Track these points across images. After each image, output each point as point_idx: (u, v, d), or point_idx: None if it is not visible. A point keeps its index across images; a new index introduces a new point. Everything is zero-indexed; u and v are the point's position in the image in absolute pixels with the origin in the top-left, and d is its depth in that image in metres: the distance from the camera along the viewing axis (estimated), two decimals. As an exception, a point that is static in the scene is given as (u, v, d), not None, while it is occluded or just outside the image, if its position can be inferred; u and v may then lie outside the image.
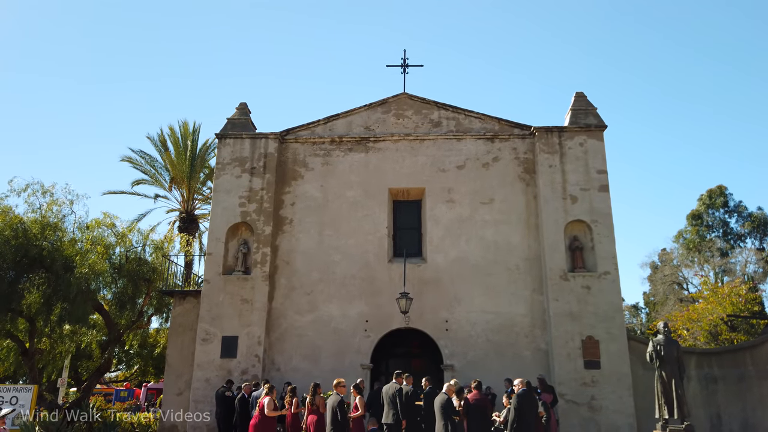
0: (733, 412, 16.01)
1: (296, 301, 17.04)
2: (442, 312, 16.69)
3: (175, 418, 16.32)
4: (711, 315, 24.78)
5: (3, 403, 13.64)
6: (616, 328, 15.96)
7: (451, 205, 17.61)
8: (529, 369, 15.44)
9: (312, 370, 15.94)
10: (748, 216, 38.30)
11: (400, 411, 11.93)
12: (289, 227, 17.78)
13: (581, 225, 17.02)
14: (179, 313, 17.43)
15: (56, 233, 15.16)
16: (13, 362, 17.94)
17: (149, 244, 17.66)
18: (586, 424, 15.15)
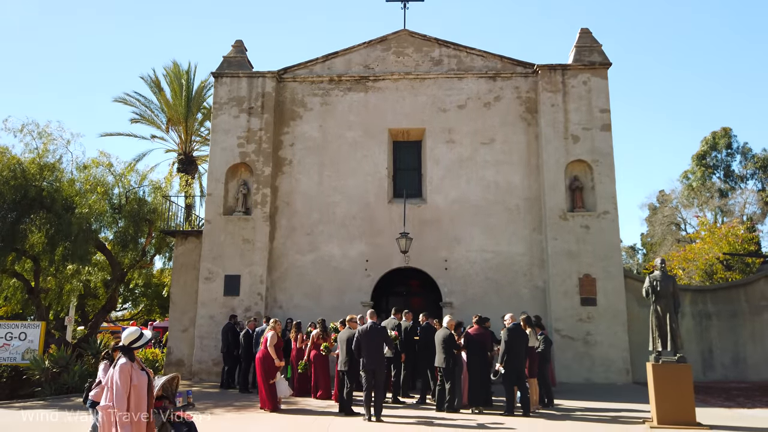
0: (725, 346, 16.46)
1: (297, 241, 17.20)
2: (442, 251, 16.87)
3: (181, 353, 16.85)
4: (707, 255, 25.08)
5: (12, 339, 14.01)
6: (614, 266, 16.19)
7: (452, 145, 17.48)
8: (526, 306, 15.76)
9: (314, 308, 16.28)
10: (752, 157, 38.13)
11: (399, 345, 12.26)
12: (288, 168, 17.72)
13: (582, 165, 16.97)
14: (181, 252, 17.65)
15: (54, 174, 15.13)
16: (20, 301, 18.30)
17: (148, 185, 17.66)
18: (580, 358, 15.61)
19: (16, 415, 10.51)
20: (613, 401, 12.10)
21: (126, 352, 5.33)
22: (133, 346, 5.34)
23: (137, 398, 5.16)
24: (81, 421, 9.82)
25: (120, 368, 5.16)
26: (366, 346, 10.17)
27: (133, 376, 5.18)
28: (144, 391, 5.25)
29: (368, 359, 10.14)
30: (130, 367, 5.21)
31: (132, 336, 5.42)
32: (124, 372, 5.15)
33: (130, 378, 5.15)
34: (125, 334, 5.47)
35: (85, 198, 15.24)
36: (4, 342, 13.99)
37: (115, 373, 5.16)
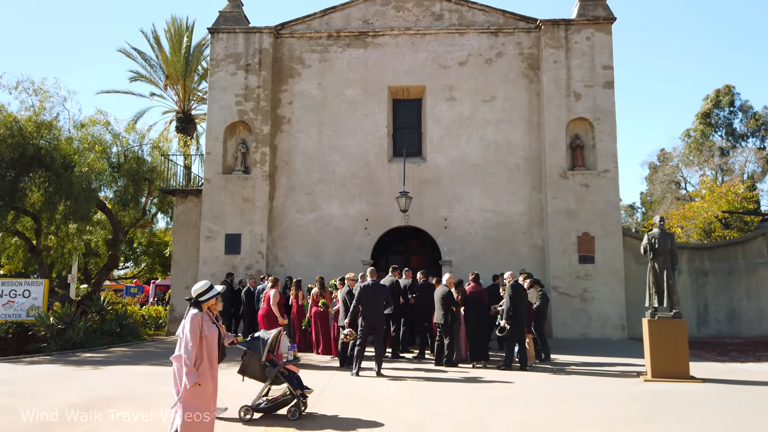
0: (720, 302, 16.71)
1: (297, 200, 17.22)
2: (442, 210, 16.91)
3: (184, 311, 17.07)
4: (706, 213, 25.14)
5: (16, 297, 14.18)
6: (612, 224, 16.27)
7: (452, 103, 17.30)
8: (525, 264, 15.89)
9: (314, 266, 16.42)
10: (753, 115, 37.76)
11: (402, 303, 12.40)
12: (287, 126, 17.58)
13: (583, 123, 16.84)
14: (181, 211, 17.70)
15: (51, 132, 15.01)
16: (23, 259, 18.43)
17: (147, 144, 17.55)
18: (577, 314, 15.85)
19: (25, 369, 10.73)
20: (609, 356, 12.34)
21: (195, 304, 5.40)
22: (201, 299, 5.38)
23: (208, 349, 5.26)
24: (86, 374, 10.04)
25: (191, 318, 5.23)
26: (366, 303, 10.30)
27: (204, 327, 5.25)
28: (214, 343, 5.35)
29: (368, 315, 10.29)
30: (200, 318, 5.27)
31: (201, 288, 5.47)
32: (194, 323, 5.21)
33: (200, 329, 5.22)
34: (195, 287, 5.54)
35: (84, 156, 15.17)
36: (8, 299, 14.17)
37: (186, 323, 5.25)
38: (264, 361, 6.86)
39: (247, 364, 6.97)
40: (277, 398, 6.98)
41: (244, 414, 6.76)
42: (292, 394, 6.87)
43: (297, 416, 6.80)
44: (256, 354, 6.90)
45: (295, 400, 6.86)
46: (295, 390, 6.87)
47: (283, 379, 6.89)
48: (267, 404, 6.94)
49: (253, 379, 7.04)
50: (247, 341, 7.05)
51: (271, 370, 6.85)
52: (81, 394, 8.33)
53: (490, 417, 6.96)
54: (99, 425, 6.56)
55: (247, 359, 6.96)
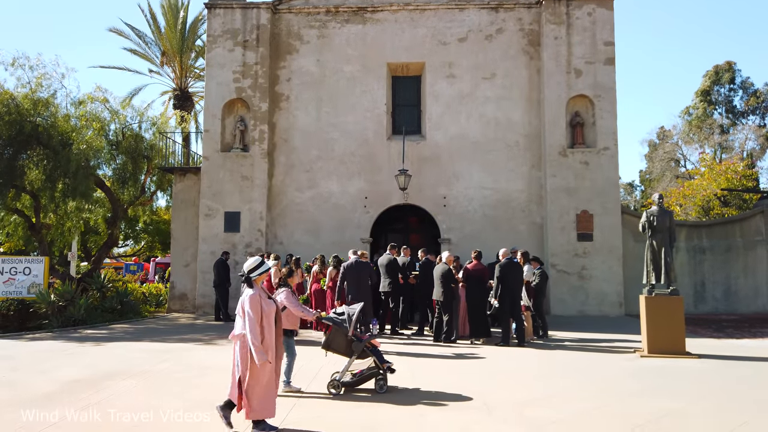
0: (717, 279, 16.82)
1: (296, 178, 17.19)
2: (441, 188, 16.90)
3: (184, 288, 17.21)
4: (705, 191, 25.15)
5: (17, 274, 14.24)
6: (611, 202, 16.28)
7: (452, 80, 17.17)
8: (523, 242, 15.93)
9: (313, 244, 16.46)
10: (753, 92, 37.51)
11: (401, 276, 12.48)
12: (285, 104, 17.47)
13: (584, 100, 16.74)
14: (180, 189, 17.69)
15: (49, 109, 14.90)
16: (22, 237, 18.46)
17: (145, 121, 17.44)
18: (575, 291, 15.95)
19: (27, 345, 10.83)
20: (606, 332, 12.46)
21: (248, 281, 5.47)
22: (252, 274, 5.44)
23: (268, 326, 5.35)
24: (87, 350, 10.14)
25: (250, 298, 5.32)
26: (350, 281, 10.48)
27: (262, 304, 5.35)
28: (272, 318, 5.43)
29: (353, 292, 10.50)
30: (258, 297, 5.36)
31: (252, 264, 5.52)
32: (253, 301, 5.31)
33: (260, 306, 5.32)
34: (246, 264, 5.59)
35: (82, 134, 15.09)
36: (9, 276, 14.23)
37: (245, 303, 5.32)
38: (350, 336, 6.99)
39: (332, 338, 7.08)
40: (362, 372, 7.10)
41: (334, 388, 6.90)
42: (378, 367, 7.00)
43: (385, 389, 6.95)
44: (341, 329, 7.02)
45: (382, 374, 7.01)
46: (382, 364, 7.01)
47: (370, 353, 7.03)
48: (353, 378, 7.07)
49: (337, 353, 7.13)
50: (332, 316, 7.18)
51: (357, 345, 6.97)
52: (83, 369, 8.42)
53: (488, 392, 7.05)
54: (101, 399, 6.64)
55: (333, 334, 7.07)
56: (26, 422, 5.76)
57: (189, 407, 6.29)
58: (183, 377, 7.92)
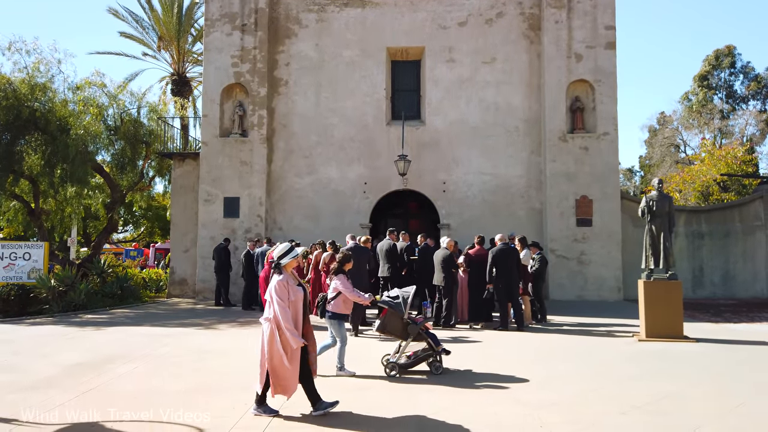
0: (716, 264, 16.88)
1: (295, 164, 17.15)
2: (440, 174, 16.88)
3: (184, 273, 17.25)
4: (705, 176, 25.14)
5: (17, 259, 14.26)
6: (611, 187, 16.28)
7: (452, 65, 17.07)
8: (523, 227, 15.95)
9: (313, 230, 16.47)
10: (755, 77, 37.32)
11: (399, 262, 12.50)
12: (284, 89, 17.38)
13: (584, 85, 16.66)
14: (179, 174, 17.66)
15: (47, 94, 14.82)
16: (22, 222, 18.46)
17: (144, 106, 17.36)
18: (574, 276, 16.00)
19: (28, 329, 10.88)
20: (604, 317, 12.53)
21: (277, 267, 5.48)
22: (282, 260, 5.44)
23: (294, 312, 5.36)
24: (88, 334, 10.19)
25: (278, 284, 5.34)
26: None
27: (290, 291, 5.36)
28: (300, 305, 5.44)
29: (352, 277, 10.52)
30: (286, 283, 5.37)
31: (282, 250, 5.51)
32: (281, 287, 5.33)
33: (287, 292, 5.34)
34: (276, 250, 5.59)
35: (80, 119, 15.03)
36: (9, 262, 14.25)
37: (273, 289, 5.35)
38: (406, 319, 7.08)
39: (387, 321, 7.17)
40: (417, 354, 7.18)
41: (391, 370, 7.00)
42: (434, 350, 7.10)
43: (441, 370, 7.08)
44: (397, 312, 7.11)
45: (437, 356, 7.12)
46: (437, 346, 7.11)
47: (426, 336, 7.10)
48: (408, 360, 7.14)
49: (393, 336, 7.25)
50: (387, 300, 7.25)
51: (413, 327, 7.05)
52: (84, 353, 8.47)
53: (486, 375, 7.10)
54: (103, 382, 6.69)
55: (388, 317, 7.15)
56: (31, 404, 5.80)
57: (190, 390, 6.34)
58: (183, 361, 7.97)
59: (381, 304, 7.22)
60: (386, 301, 7.22)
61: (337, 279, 7.15)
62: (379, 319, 7.34)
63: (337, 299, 7.13)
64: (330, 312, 7.15)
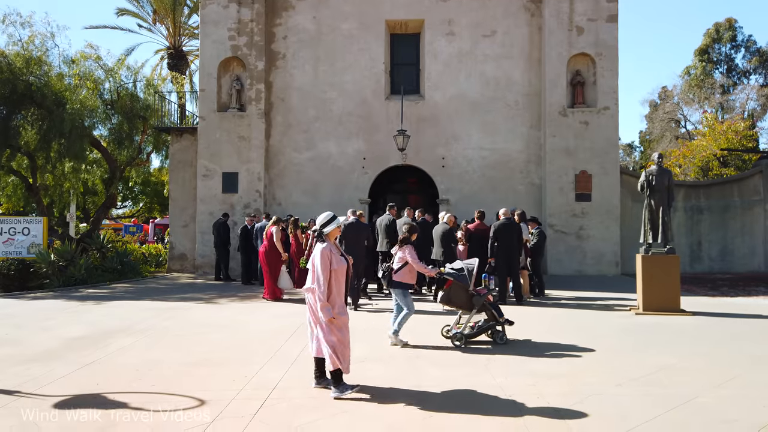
0: (714, 239, 16.94)
1: (294, 139, 17.06)
2: (439, 149, 16.81)
3: (183, 248, 17.29)
4: (705, 152, 25.06)
5: (16, 234, 14.27)
6: (610, 162, 16.24)
7: (451, 38, 16.87)
8: (522, 203, 15.95)
9: (312, 205, 16.45)
10: (756, 51, 36.92)
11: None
12: (282, 62, 17.19)
13: (585, 58, 16.50)
14: (177, 149, 17.57)
15: (42, 68, 14.66)
16: (21, 197, 18.44)
17: (140, 80, 17.21)
18: (572, 251, 16.06)
19: (29, 304, 10.94)
20: (602, 291, 12.61)
21: (320, 236, 5.33)
22: (324, 229, 5.31)
23: (337, 282, 5.24)
24: (89, 308, 10.25)
25: (320, 253, 5.18)
26: (349, 240, 10.46)
27: (333, 260, 5.21)
28: (343, 275, 5.32)
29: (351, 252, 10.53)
30: (329, 251, 5.22)
31: (324, 219, 5.37)
32: (323, 257, 5.17)
33: (329, 262, 5.19)
34: (318, 219, 5.44)
35: (76, 93, 14.89)
36: (8, 237, 14.27)
37: (315, 257, 5.20)
38: (471, 291, 7.23)
39: (452, 293, 7.31)
40: (480, 325, 7.37)
41: (458, 341, 7.17)
42: (497, 321, 7.31)
43: (505, 341, 7.29)
44: (463, 284, 7.25)
45: (500, 327, 7.35)
46: (500, 317, 7.30)
47: (489, 308, 7.30)
48: (471, 331, 7.32)
49: (457, 308, 7.43)
50: (452, 272, 7.37)
51: (478, 299, 7.22)
52: (86, 327, 8.53)
53: (485, 348, 7.17)
54: (105, 355, 6.75)
55: (453, 289, 7.29)
56: (33, 376, 5.86)
57: (191, 363, 6.40)
58: (184, 334, 8.03)
59: (446, 276, 7.36)
60: (452, 273, 7.37)
61: (403, 250, 7.28)
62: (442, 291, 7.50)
63: (403, 269, 7.29)
64: (396, 281, 7.31)
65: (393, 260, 7.50)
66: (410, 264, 7.21)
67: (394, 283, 7.31)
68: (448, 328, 7.49)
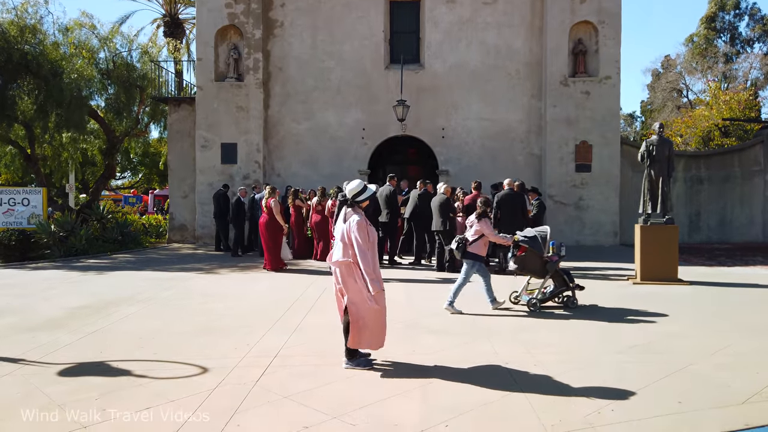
0: (713, 209, 16.96)
1: (292, 109, 16.92)
2: (439, 119, 16.70)
3: (183, 219, 17.32)
4: (707, 122, 24.91)
5: (16, 205, 14.28)
6: (611, 132, 16.16)
7: (452, 5, 16.59)
8: (521, 173, 15.88)
9: (311, 176, 16.44)
10: (760, 18, 36.37)
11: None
12: (280, 31, 16.94)
13: (587, 26, 16.26)
14: (175, 119, 17.45)
15: (37, 36, 14.44)
16: (19, 168, 18.38)
17: (135, 49, 16.97)
18: (571, 221, 16.10)
19: (31, 274, 11.01)
20: (600, 261, 12.69)
21: (352, 205, 5.11)
22: (358, 198, 5.10)
23: (373, 253, 5.03)
24: (91, 278, 10.33)
25: (358, 225, 4.95)
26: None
27: (369, 232, 5.04)
28: (376, 246, 5.16)
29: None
30: (365, 223, 5.02)
31: (357, 188, 5.12)
32: (362, 227, 4.96)
33: (367, 234, 5.00)
34: (349, 187, 5.17)
35: (72, 63, 14.70)
36: (8, 207, 14.28)
37: (353, 230, 4.96)
38: (546, 257, 7.48)
39: (527, 260, 7.58)
40: (552, 290, 7.66)
41: (532, 307, 7.46)
42: (568, 286, 7.63)
43: (575, 305, 7.61)
44: (536, 251, 7.50)
45: (570, 292, 7.66)
46: (571, 282, 7.62)
47: (561, 274, 7.61)
48: (544, 296, 7.60)
49: (531, 274, 7.71)
50: (526, 239, 7.58)
51: (552, 265, 7.53)
52: (89, 296, 8.60)
53: (484, 317, 7.25)
54: (109, 323, 6.82)
55: (528, 256, 7.54)
56: (38, 344, 5.93)
57: (193, 331, 6.48)
58: (186, 304, 8.11)
59: (521, 243, 7.57)
60: (525, 241, 7.57)
61: (480, 223, 7.51)
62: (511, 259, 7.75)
63: (478, 242, 7.51)
64: (470, 253, 7.50)
65: (468, 232, 7.69)
66: (486, 236, 7.48)
67: (468, 254, 7.52)
68: (516, 294, 7.80)
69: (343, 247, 5.07)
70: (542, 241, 7.54)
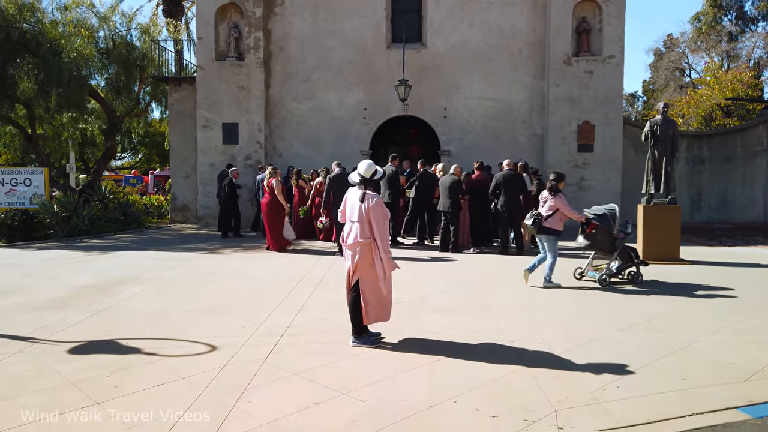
0: (715, 189, 16.96)
1: (293, 89, 16.82)
2: (441, 99, 16.60)
3: (185, 199, 17.33)
4: (710, 101, 24.78)
5: (18, 185, 14.27)
6: (614, 112, 16.07)
7: (454, -17, 16.39)
8: (523, 154, 15.84)
9: (313, 156, 16.39)
10: (768, -5, 35.92)
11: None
12: (280, 9, 16.76)
13: (591, 4, 16.07)
14: (176, 99, 17.35)
15: (35, 15, 14.30)
16: (19, 148, 18.33)
17: (135, 28, 16.81)
18: (572, 202, 15.71)
19: (35, 254, 11.06)
20: (602, 241, 12.70)
21: (367, 184, 5.14)
22: (375, 177, 5.17)
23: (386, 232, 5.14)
24: (95, 258, 10.38)
25: (378, 205, 5.01)
26: (336, 192, 10.44)
27: (385, 210, 5.10)
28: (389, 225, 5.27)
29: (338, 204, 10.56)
30: (383, 203, 5.11)
31: (371, 169, 5.15)
32: (381, 207, 5.03)
33: (383, 213, 5.06)
34: (364, 167, 5.17)
35: (71, 42, 14.57)
36: (10, 188, 14.28)
37: (373, 209, 4.99)
38: (614, 234, 7.73)
39: (597, 237, 7.80)
40: (618, 266, 7.92)
41: (603, 282, 7.72)
42: (633, 263, 7.87)
43: (640, 280, 7.88)
44: (606, 228, 7.72)
45: (636, 268, 7.91)
46: (636, 259, 7.87)
47: (628, 250, 7.87)
48: (611, 272, 7.86)
49: (600, 251, 7.98)
50: (596, 216, 7.84)
51: (620, 242, 7.77)
52: (94, 276, 8.65)
53: (488, 297, 7.31)
54: (115, 302, 6.88)
55: (598, 233, 7.80)
56: (46, 323, 5.99)
57: (200, 310, 6.54)
58: (192, 283, 8.16)
59: (593, 221, 7.76)
60: (596, 218, 7.78)
61: (555, 199, 7.82)
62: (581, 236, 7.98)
63: (554, 216, 7.76)
64: (546, 227, 7.72)
65: (542, 207, 7.88)
66: (561, 211, 7.68)
67: (544, 229, 7.68)
68: (581, 270, 8.11)
69: (360, 227, 5.08)
70: (611, 218, 7.70)
